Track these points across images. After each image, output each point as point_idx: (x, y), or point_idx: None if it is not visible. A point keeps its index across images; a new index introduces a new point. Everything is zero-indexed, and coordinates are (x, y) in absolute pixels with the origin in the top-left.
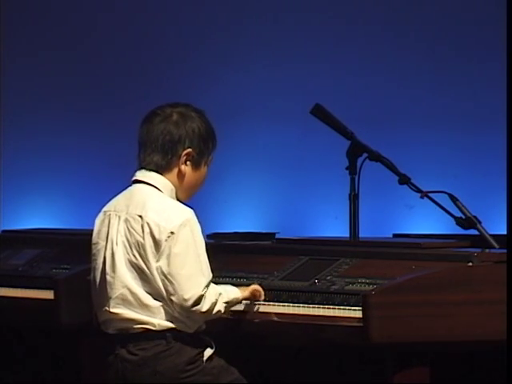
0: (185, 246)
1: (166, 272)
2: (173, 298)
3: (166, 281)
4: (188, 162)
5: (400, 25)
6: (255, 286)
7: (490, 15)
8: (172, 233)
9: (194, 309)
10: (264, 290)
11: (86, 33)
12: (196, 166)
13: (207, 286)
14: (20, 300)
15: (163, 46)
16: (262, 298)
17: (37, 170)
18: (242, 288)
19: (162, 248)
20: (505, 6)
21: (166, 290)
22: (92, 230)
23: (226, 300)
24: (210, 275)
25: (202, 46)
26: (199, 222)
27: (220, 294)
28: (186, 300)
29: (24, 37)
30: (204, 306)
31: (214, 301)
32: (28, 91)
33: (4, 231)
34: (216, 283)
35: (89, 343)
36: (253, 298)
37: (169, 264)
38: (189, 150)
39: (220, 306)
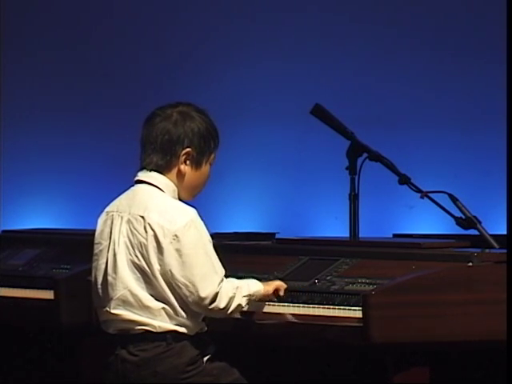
0: (193, 247)
1: (178, 275)
2: (189, 299)
3: (179, 283)
4: (188, 162)
5: (400, 25)
6: (279, 282)
7: (490, 15)
8: (176, 236)
9: (212, 306)
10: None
11: (86, 32)
12: (196, 165)
13: (222, 281)
14: (20, 300)
15: (164, 46)
16: (282, 293)
17: (37, 170)
18: (266, 282)
19: (167, 251)
20: (505, 5)
21: (181, 293)
22: (92, 230)
23: (246, 293)
24: (223, 271)
25: (203, 46)
26: None
27: (237, 287)
28: (202, 299)
29: (24, 37)
30: (221, 303)
31: (231, 295)
32: (28, 91)
33: (4, 231)
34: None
35: (89, 343)
36: (275, 294)
37: (180, 267)
38: (188, 149)
39: (239, 300)
